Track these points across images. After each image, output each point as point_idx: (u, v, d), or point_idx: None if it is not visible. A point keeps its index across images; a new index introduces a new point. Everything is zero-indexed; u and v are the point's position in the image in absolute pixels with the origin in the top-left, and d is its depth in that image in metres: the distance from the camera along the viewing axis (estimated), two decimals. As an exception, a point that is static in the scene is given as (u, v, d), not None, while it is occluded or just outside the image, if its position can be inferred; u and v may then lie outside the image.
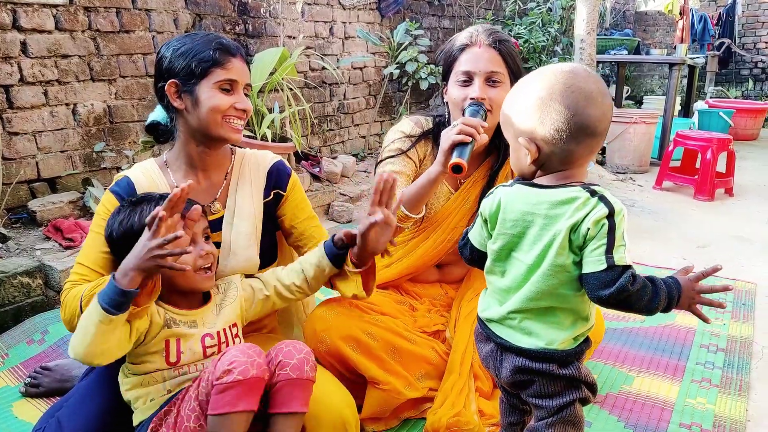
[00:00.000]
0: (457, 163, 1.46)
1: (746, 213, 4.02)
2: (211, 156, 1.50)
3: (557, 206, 1.12)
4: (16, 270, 2.30)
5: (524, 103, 1.13)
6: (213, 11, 3.67)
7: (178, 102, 1.42)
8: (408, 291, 1.93)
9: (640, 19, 10.33)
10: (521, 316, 1.19)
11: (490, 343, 1.26)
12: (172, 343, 1.30)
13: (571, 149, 1.10)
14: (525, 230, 1.16)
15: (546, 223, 1.12)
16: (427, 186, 1.59)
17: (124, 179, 1.46)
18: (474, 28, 1.72)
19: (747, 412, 1.81)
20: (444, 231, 1.85)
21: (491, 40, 1.68)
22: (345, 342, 1.57)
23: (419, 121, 1.84)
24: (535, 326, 1.18)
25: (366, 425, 1.64)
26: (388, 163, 1.77)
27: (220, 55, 1.39)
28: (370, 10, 5.09)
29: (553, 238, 1.11)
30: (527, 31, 6.30)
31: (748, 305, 2.56)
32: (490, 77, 1.66)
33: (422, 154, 1.81)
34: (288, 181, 1.62)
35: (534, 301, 1.16)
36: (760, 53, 9.23)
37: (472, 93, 1.65)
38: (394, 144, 1.80)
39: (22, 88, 2.77)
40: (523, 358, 1.18)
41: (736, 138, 5.65)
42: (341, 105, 4.92)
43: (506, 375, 1.22)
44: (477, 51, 1.67)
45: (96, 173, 3.13)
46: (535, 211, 1.14)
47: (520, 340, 1.19)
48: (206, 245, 1.35)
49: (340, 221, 3.77)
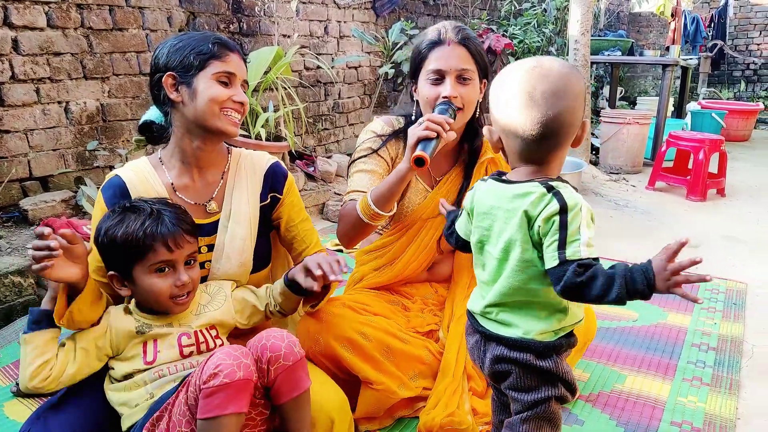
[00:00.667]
0: (420, 156, 1.46)
1: (738, 213, 4.05)
2: (206, 152, 1.49)
3: (513, 200, 1.14)
4: (8, 269, 2.29)
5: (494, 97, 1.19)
6: (207, 9, 3.66)
7: (175, 94, 1.40)
8: (399, 291, 1.93)
9: (633, 20, 10.38)
10: (497, 309, 1.21)
11: (476, 334, 1.27)
12: (149, 344, 1.32)
13: (517, 144, 1.15)
14: (492, 224, 1.19)
15: (507, 216, 1.15)
16: (396, 183, 1.58)
17: (115, 179, 1.45)
18: (441, 25, 1.71)
19: (737, 411, 1.82)
20: (428, 231, 1.85)
21: (459, 38, 1.68)
22: (338, 342, 1.57)
23: (390, 121, 1.84)
24: (512, 318, 1.19)
25: (360, 425, 1.64)
26: (360, 162, 1.77)
27: (218, 49, 1.39)
28: (365, 9, 5.09)
29: (511, 232, 1.14)
30: (522, 32, 6.32)
31: (738, 304, 2.58)
32: (460, 75, 1.66)
33: (394, 153, 1.81)
34: (284, 183, 1.62)
35: (508, 296, 1.18)
36: (751, 55, 9.29)
37: (444, 91, 1.65)
38: (365, 144, 1.80)
39: (13, 85, 2.76)
40: (503, 346, 1.20)
41: (728, 139, 5.69)
42: (336, 104, 4.92)
43: (488, 366, 1.24)
44: (447, 49, 1.67)
45: (89, 172, 3.12)
46: (499, 204, 1.17)
47: (499, 329, 1.21)
48: (185, 274, 1.32)
49: (334, 220, 3.77)
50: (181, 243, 1.32)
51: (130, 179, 1.45)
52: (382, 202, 1.60)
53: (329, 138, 4.91)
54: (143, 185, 1.45)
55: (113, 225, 1.30)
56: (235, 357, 1.16)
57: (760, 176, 5.20)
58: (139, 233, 1.28)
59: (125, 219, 1.30)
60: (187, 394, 1.19)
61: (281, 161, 1.67)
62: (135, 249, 1.28)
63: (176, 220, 1.32)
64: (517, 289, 1.17)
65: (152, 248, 1.28)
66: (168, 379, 1.30)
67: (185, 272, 1.33)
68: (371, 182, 1.73)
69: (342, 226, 1.73)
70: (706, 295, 2.68)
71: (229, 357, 1.16)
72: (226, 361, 1.15)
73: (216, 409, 1.13)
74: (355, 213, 1.64)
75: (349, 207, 1.70)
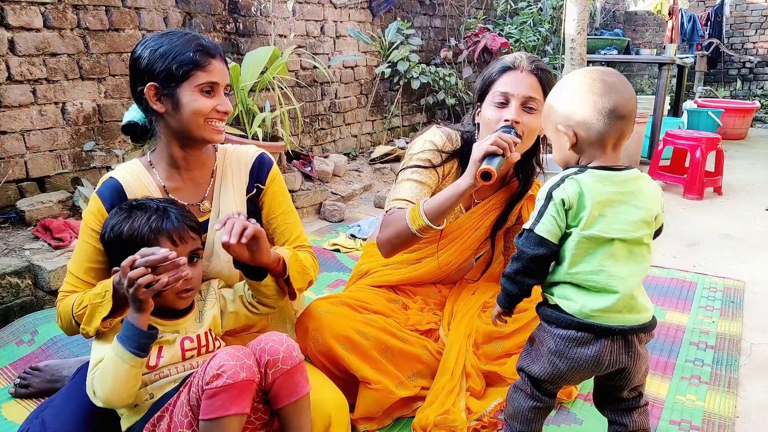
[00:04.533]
0: (487, 169, 1.45)
1: (735, 211, 4.06)
2: (193, 156, 1.49)
3: (635, 182, 1.29)
4: (5, 270, 2.28)
5: (561, 96, 1.31)
6: (203, 9, 3.65)
7: (158, 105, 1.40)
8: (401, 289, 1.93)
9: (629, 19, 10.39)
10: (640, 294, 1.30)
11: (602, 340, 1.25)
12: (154, 349, 1.31)
13: (603, 131, 1.25)
14: (620, 207, 1.26)
15: (637, 199, 1.27)
16: (454, 198, 1.55)
17: (111, 181, 1.44)
18: (518, 54, 1.72)
19: (736, 409, 1.83)
20: (452, 254, 1.85)
21: (533, 67, 1.67)
22: (337, 341, 1.57)
23: (450, 135, 1.81)
24: (645, 300, 1.31)
25: (358, 425, 1.64)
26: (415, 172, 1.74)
27: (200, 57, 1.37)
28: (361, 9, 5.08)
29: (647, 210, 1.28)
30: (518, 31, 6.33)
31: (736, 303, 2.58)
32: (526, 102, 1.65)
33: (447, 170, 1.79)
34: (268, 173, 1.59)
35: (643, 276, 1.31)
36: (748, 53, 9.31)
37: (507, 114, 1.63)
38: (423, 154, 1.76)
39: (9, 86, 2.75)
40: (643, 333, 1.30)
41: (724, 137, 5.70)
42: (332, 104, 4.91)
43: (632, 358, 1.29)
44: (518, 75, 1.66)
45: (85, 172, 3.11)
46: (622, 189, 1.26)
47: (640, 318, 1.29)
48: (188, 269, 1.30)
49: (331, 220, 3.76)
50: (186, 238, 1.32)
51: (126, 180, 1.45)
52: (436, 215, 1.57)
53: (326, 138, 4.91)
54: (139, 186, 1.45)
55: (119, 221, 1.31)
56: (238, 358, 1.17)
57: (756, 174, 5.21)
58: (145, 228, 1.28)
59: (131, 215, 1.31)
60: (189, 395, 1.19)
61: (267, 153, 1.64)
62: (141, 244, 1.27)
63: (181, 217, 1.33)
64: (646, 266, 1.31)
65: (157, 243, 1.28)
66: (168, 380, 1.30)
67: (189, 267, 1.33)
68: (421, 194, 1.70)
69: (386, 234, 1.68)
70: (704, 293, 2.68)
71: (232, 358, 1.16)
72: (229, 362, 1.15)
73: (219, 410, 1.13)
74: (404, 223, 1.60)
75: (397, 215, 1.65)
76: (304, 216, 3.76)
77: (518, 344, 1.77)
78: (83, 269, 1.40)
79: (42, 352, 2.06)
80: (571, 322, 1.26)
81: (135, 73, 1.42)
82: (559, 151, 1.34)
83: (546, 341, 1.31)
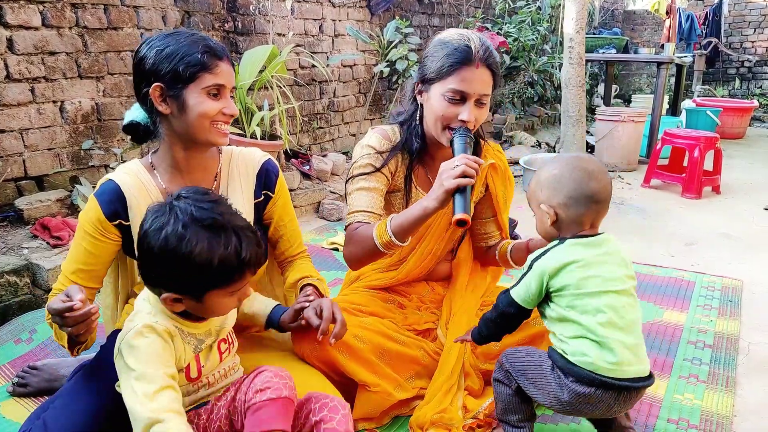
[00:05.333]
0: (463, 218, 1.40)
1: (733, 211, 4.07)
2: (196, 159, 1.48)
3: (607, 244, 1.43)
4: (3, 269, 2.28)
5: (547, 180, 1.44)
6: (202, 8, 3.65)
7: (163, 106, 1.37)
8: (396, 290, 1.93)
9: (628, 18, 10.40)
10: (640, 343, 1.38)
11: (611, 390, 1.34)
12: (193, 361, 1.26)
13: (581, 213, 1.40)
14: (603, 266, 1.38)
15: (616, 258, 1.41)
16: (421, 220, 1.51)
17: (110, 183, 1.43)
18: (474, 42, 1.60)
19: (734, 408, 1.83)
20: (431, 239, 1.84)
21: (487, 60, 1.61)
22: (334, 347, 1.56)
23: (386, 133, 1.77)
24: (643, 351, 1.40)
25: (357, 424, 1.63)
26: (361, 180, 1.71)
27: (208, 59, 1.34)
28: (359, 7, 5.08)
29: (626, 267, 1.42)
30: (516, 30, 6.32)
31: (734, 302, 2.59)
32: (479, 99, 1.61)
33: (394, 167, 1.76)
34: (276, 182, 1.62)
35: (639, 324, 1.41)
36: (746, 52, 9.32)
37: (463, 115, 1.59)
38: (364, 159, 1.72)
39: (8, 85, 2.74)
40: (643, 385, 1.36)
41: (723, 136, 5.71)
42: (331, 103, 4.91)
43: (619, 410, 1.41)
44: (475, 72, 1.58)
45: (84, 171, 3.11)
46: (602, 251, 1.40)
47: (641, 371, 1.36)
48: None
49: (330, 219, 3.77)
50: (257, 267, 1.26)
51: (125, 183, 1.43)
52: (402, 234, 1.53)
53: (324, 136, 4.91)
54: (140, 189, 1.44)
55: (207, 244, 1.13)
56: (281, 377, 1.22)
57: (755, 174, 5.22)
58: (235, 260, 1.16)
59: (213, 238, 1.14)
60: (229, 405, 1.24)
61: (272, 158, 1.65)
62: (226, 274, 1.17)
63: (258, 243, 1.22)
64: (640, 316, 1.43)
65: (244, 275, 1.21)
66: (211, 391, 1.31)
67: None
68: (373, 200, 1.69)
69: (353, 250, 1.65)
70: (702, 292, 2.69)
71: (276, 376, 1.22)
72: (273, 380, 1.20)
73: (263, 424, 1.15)
74: (370, 240, 1.56)
75: (362, 232, 1.61)
76: (302, 215, 3.76)
77: (517, 343, 1.77)
78: (72, 270, 1.41)
79: (40, 350, 2.06)
80: (587, 377, 1.34)
81: (140, 74, 1.38)
82: (541, 226, 1.48)
83: (555, 389, 1.39)
